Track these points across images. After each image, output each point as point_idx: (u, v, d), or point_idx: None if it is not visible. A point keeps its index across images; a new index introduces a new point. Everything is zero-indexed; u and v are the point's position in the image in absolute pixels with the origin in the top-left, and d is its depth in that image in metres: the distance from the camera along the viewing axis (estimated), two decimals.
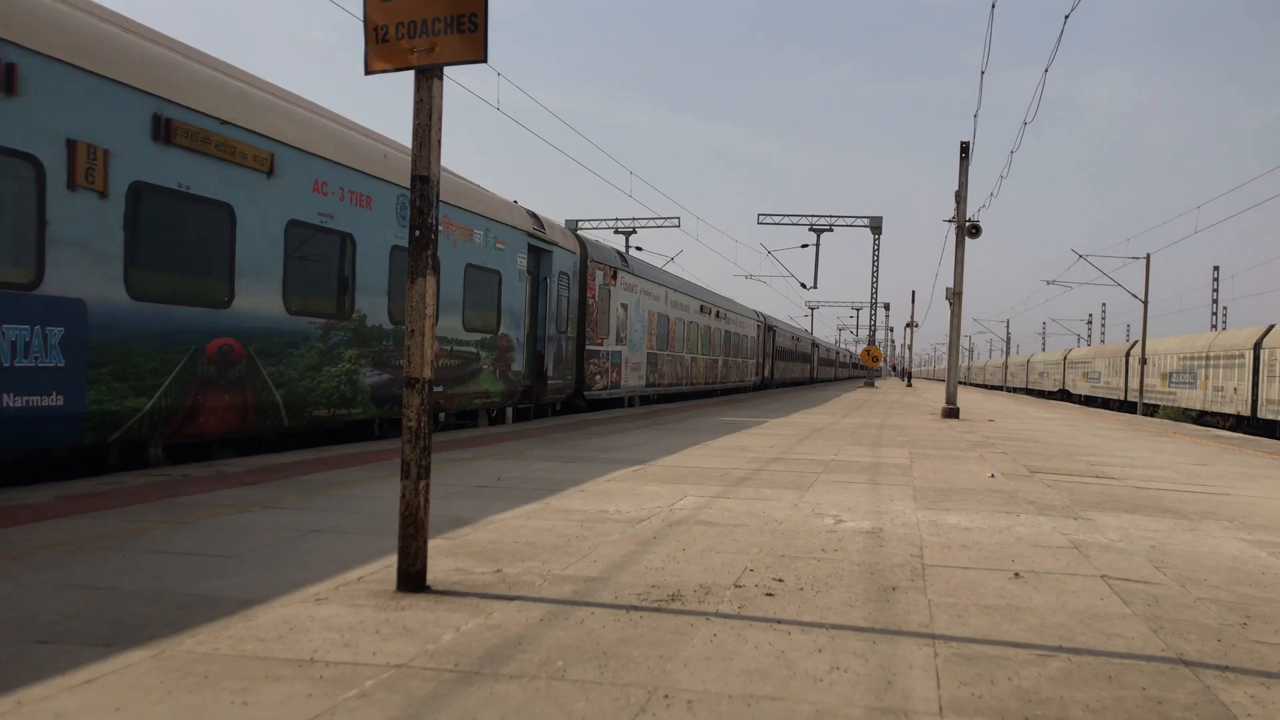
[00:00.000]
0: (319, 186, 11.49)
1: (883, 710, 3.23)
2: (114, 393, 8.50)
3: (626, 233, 52.04)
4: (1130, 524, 7.53)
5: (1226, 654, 4.05)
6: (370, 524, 6.37)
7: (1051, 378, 73.49)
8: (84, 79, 8.23)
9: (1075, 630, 4.33)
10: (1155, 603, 4.92)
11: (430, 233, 4.65)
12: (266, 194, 10.58)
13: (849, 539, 6.41)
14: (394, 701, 3.15)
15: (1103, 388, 56.10)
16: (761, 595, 4.77)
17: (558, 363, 20.13)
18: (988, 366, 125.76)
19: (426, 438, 4.62)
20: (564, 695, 3.26)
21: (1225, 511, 8.49)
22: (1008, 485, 9.82)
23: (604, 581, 4.93)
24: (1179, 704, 3.40)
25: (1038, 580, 5.35)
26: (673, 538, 6.21)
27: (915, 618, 4.45)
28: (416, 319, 4.64)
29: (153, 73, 9.06)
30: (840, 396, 38.56)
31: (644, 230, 52.10)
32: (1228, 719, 3.27)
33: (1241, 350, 35.15)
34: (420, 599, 4.46)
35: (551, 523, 6.62)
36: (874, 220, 52.71)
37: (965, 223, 24.89)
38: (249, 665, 3.46)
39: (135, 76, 8.81)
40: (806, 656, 3.78)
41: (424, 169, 4.66)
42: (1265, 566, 6.02)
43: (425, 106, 4.67)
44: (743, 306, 45.04)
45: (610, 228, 51.81)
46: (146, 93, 8.91)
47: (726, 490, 8.57)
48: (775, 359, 55.04)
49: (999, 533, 6.89)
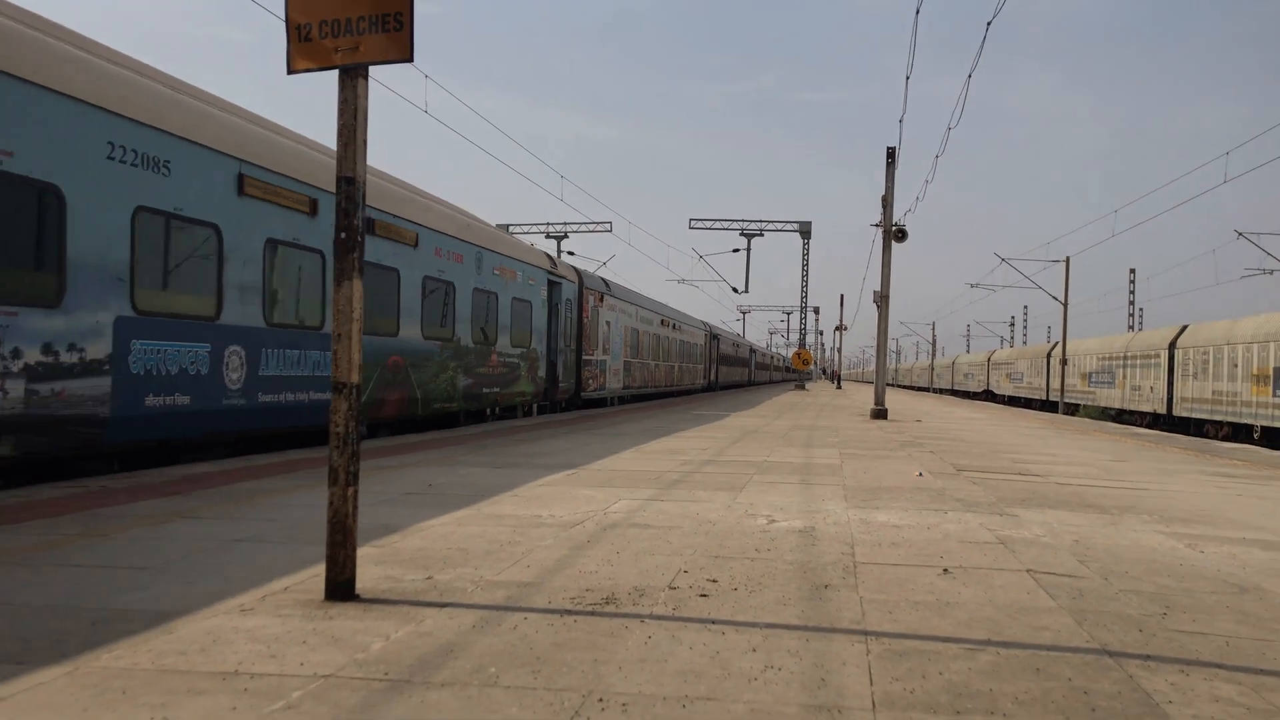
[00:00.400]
0: (438, 252, 16.80)
1: (817, 707, 3.24)
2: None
3: (558, 237, 51.86)
4: (1054, 519, 7.69)
5: (1148, 643, 4.15)
6: (296, 533, 6.24)
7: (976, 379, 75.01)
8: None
9: (1003, 624, 4.40)
10: (1080, 595, 5.03)
11: (356, 235, 4.56)
12: (413, 260, 15.74)
13: (782, 538, 6.44)
14: (322, 713, 3.07)
15: (1025, 388, 57.41)
16: (696, 596, 4.77)
17: (565, 370, 25.47)
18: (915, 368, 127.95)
19: (355, 443, 4.53)
20: (497, 702, 3.22)
21: (1145, 506, 8.72)
22: (935, 483, 9.97)
23: (537, 586, 4.89)
24: (1104, 693, 3.47)
25: (966, 576, 5.44)
26: (607, 541, 6.18)
27: (848, 615, 4.48)
28: (344, 323, 4.55)
29: (393, 203, 15.12)
30: (773, 399, 38.88)
31: (576, 235, 52.01)
32: (1150, 706, 3.34)
33: (1157, 350, 36.24)
34: (349, 608, 4.37)
35: (484, 528, 6.54)
36: (803, 225, 53.26)
37: (892, 227, 25.27)
38: (170, 679, 3.35)
39: (397, 208, 15.26)
40: (741, 656, 3.78)
41: (350, 170, 4.57)
42: (1183, 558, 6.19)
43: (350, 107, 4.59)
44: (692, 319, 49.74)
45: (542, 232, 51.60)
46: (381, 210, 14.56)
47: (661, 493, 8.56)
48: (719, 364, 60.08)
49: (928, 530, 6.99)
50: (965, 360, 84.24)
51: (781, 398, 41.85)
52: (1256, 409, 27.85)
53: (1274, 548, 6.73)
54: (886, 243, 25.37)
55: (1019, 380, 59.43)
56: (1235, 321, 30.44)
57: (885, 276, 25.64)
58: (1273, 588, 5.38)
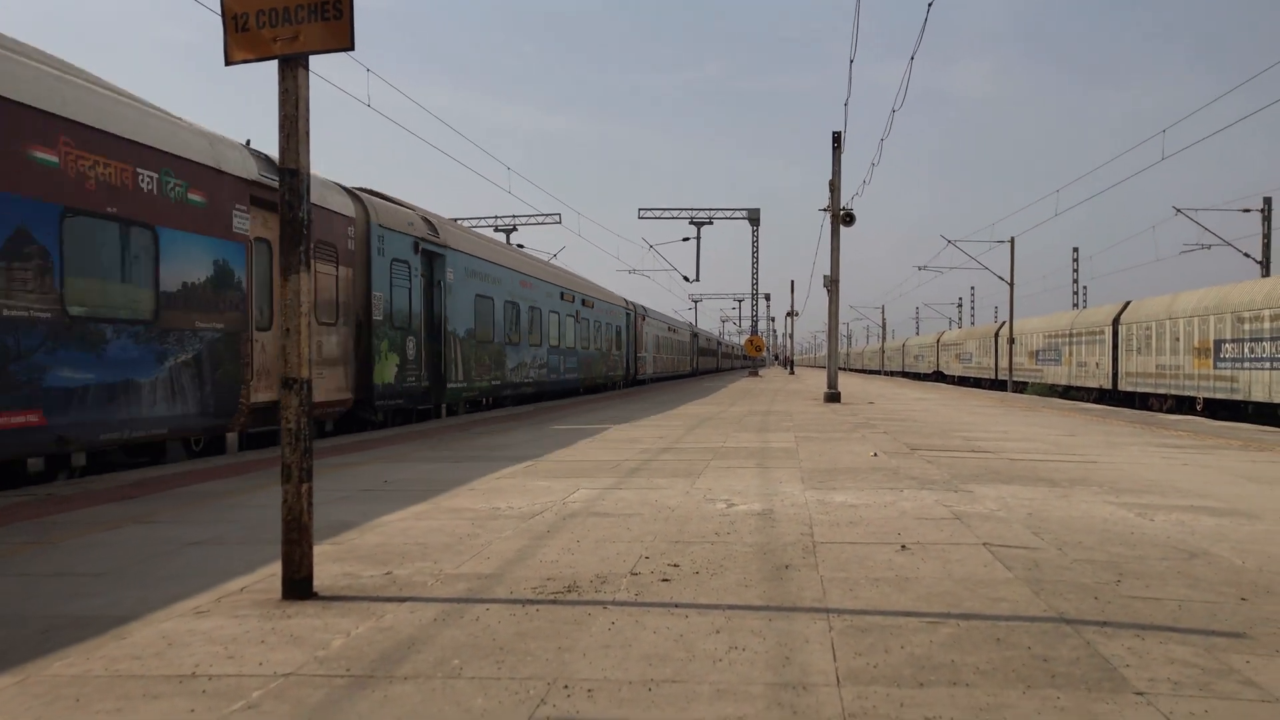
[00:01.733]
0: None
1: (782, 685, 3.25)
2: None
3: (507, 230, 51.55)
4: (1008, 494, 7.80)
5: (1104, 610, 4.22)
6: (252, 533, 6.14)
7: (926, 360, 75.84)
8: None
9: (962, 597, 4.44)
10: (1035, 566, 5.10)
11: (302, 228, 4.49)
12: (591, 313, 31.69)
13: (741, 522, 6.47)
14: (283, 711, 3.02)
15: (975, 368, 58.17)
16: (658, 581, 4.76)
17: (630, 363, 42.04)
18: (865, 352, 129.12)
19: (307, 440, 4.47)
20: (462, 693, 3.19)
21: (1095, 478, 8.88)
22: (890, 463, 10.06)
23: (498, 578, 4.86)
24: (1063, 660, 3.52)
25: (924, 551, 5.49)
26: (567, 531, 6.16)
27: (809, 594, 4.50)
28: (291, 317, 4.47)
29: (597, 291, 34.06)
30: (727, 386, 39.03)
31: (525, 227, 51.73)
32: (1108, 671, 3.40)
33: (1101, 327, 36.89)
34: (307, 606, 4.31)
35: (442, 522, 6.49)
36: (752, 212, 53.45)
37: (839, 211, 25.44)
38: (125, 685, 3.28)
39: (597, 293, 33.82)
40: (705, 638, 3.79)
41: (293, 162, 4.50)
42: (1134, 527, 6.31)
43: (291, 97, 4.51)
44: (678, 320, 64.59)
45: (490, 225, 51.25)
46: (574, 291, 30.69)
47: (620, 481, 8.55)
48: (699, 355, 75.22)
49: (885, 508, 7.05)
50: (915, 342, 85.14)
51: (736, 384, 42.01)
52: (1198, 381, 28.47)
53: (1220, 514, 6.88)
54: (835, 227, 25.54)
55: (968, 360, 60.19)
56: (1176, 296, 31.07)
57: (834, 261, 25.82)
58: (1221, 552, 5.50)
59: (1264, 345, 24.89)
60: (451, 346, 19.35)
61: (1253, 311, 25.53)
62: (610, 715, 3.00)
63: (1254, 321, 25.45)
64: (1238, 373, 26.20)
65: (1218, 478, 9.02)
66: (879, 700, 3.11)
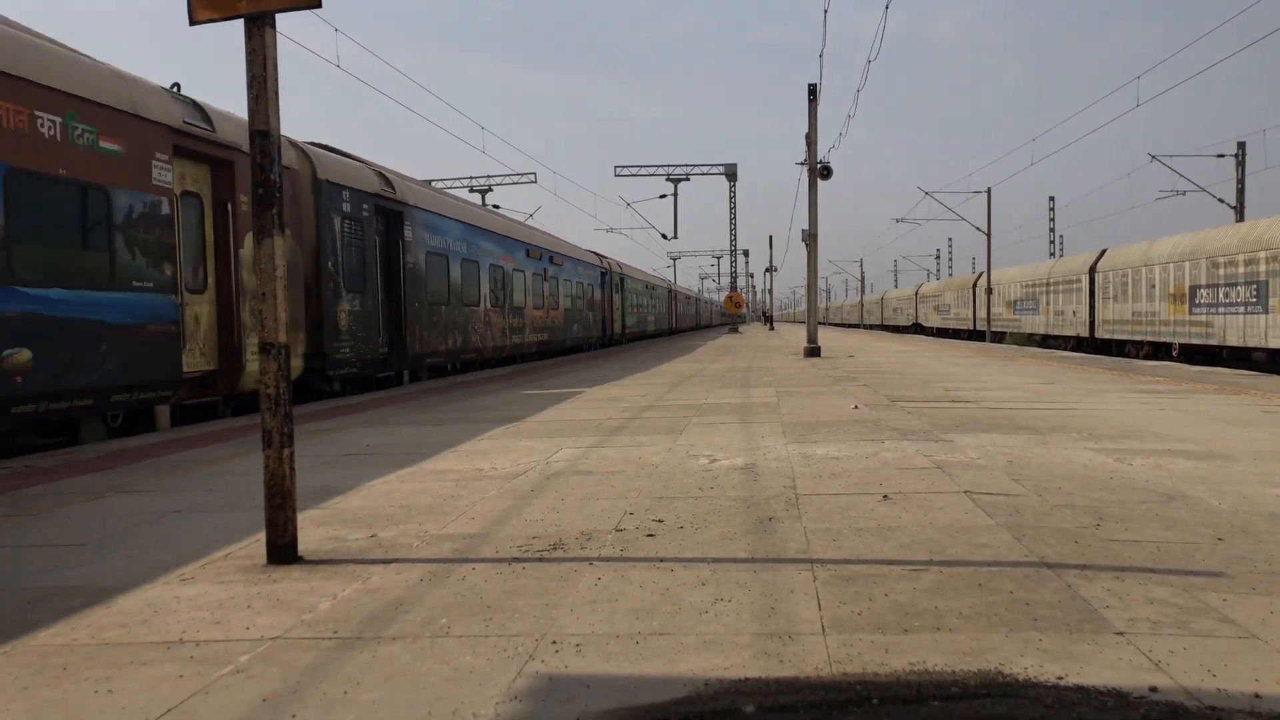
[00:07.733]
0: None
1: (768, 635, 3.28)
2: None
3: (482, 190, 51.18)
4: (987, 442, 7.86)
5: (1084, 554, 4.27)
6: (235, 501, 6.13)
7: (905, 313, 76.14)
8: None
9: (944, 544, 4.49)
10: (1016, 513, 5.15)
11: (274, 190, 4.43)
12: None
13: (724, 476, 6.50)
14: (272, 675, 3.03)
15: (953, 319, 58.45)
16: (643, 536, 4.79)
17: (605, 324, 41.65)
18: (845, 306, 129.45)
19: (287, 405, 4.44)
20: (450, 651, 3.20)
21: (1073, 425, 8.96)
22: (871, 415, 10.12)
23: (484, 537, 4.87)
24: (1045, 603, 3.56)
25: (906, 501, 5.54)
26: (551, 489, 6.18)
27: (793, 545, 4.54)
28: (268, 282, 4.43)
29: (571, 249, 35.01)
30: (707, 344, 39.07)
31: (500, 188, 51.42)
32: (1089, 613, 3.44)
33: (1078, 275, 37.08)
34: (293, 570, 4.31)
35: (426, 484, 6.49)
36: (729, 167, 53.26)
37: (816, 165, 25.36)
38: (112, 652, 3.27)
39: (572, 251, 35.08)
40: (691, 591, 3.81)
41: (263, 123, 4.43)
42: (1113, 471, 6.38)
43: (259, 57, 4.43)
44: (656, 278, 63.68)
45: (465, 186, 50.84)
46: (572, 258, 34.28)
47: (603, 440, 8.57)
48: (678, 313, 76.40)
49: (866, 459, 7.10)
50: (894, 295, 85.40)
51: (716, 341, 42.06)
52: (1174, 327, 28.72)
53: (1197, 457, 6.96)
54: (812, 181, 25.48)
55: (946, 312, 60.45)
56: (1152, 243, 31.23)
57: (813, 215, 25.78)
58: (1198, 494, 5.57)
59: (1238, 290, 25.09)
60: (413, 309, 18.26)
61: (1227, 257, 25.71)
62: (599, 669, 3.02)
63: (1228, 267, 25.64)
64: (1213, 318, 26.44)
65: (1194, 421, 9.12)
66: (864, 647, 3.14)
